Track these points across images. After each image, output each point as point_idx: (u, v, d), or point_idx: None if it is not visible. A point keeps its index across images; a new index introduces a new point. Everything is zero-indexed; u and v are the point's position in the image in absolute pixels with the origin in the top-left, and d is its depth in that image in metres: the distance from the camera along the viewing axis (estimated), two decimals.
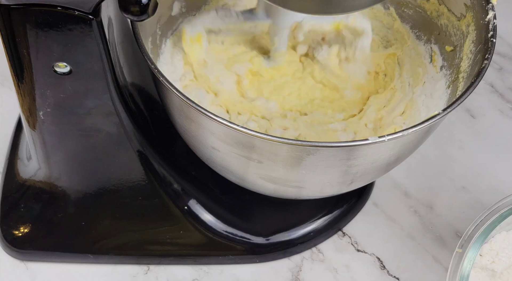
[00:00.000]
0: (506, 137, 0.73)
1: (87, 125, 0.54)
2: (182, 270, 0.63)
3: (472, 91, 0.49)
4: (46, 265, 0.62)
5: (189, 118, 0.51)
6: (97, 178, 0.60)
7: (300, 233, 0.64)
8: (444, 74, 0.60)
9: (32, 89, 0.51)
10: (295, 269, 0.63)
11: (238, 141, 0.49)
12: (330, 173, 0.52)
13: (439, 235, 0.66)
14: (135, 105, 0.57)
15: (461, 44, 0.57)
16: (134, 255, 0.63)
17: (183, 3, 0.63)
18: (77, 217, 0.62)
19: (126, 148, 0.58)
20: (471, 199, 0.68)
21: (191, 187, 0.63)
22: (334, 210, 0.65)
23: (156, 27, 0.60)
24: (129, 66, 0.57)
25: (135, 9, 0.44)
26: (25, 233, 0.62)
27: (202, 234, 0.63)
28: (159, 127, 0.63)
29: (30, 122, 0.55)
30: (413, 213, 0.67)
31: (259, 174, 0.53)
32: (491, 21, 0.53)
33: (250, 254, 0.63)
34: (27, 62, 0.48)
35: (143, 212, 0.62)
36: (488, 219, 0.56)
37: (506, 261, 0.58)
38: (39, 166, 0.60)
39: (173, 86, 0.48)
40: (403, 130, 0.47)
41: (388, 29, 0.66)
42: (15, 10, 0.45)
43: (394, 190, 0.69)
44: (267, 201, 0.62)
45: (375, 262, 0.64)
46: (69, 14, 0.45)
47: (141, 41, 0.50)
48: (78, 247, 0.62)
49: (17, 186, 0.64)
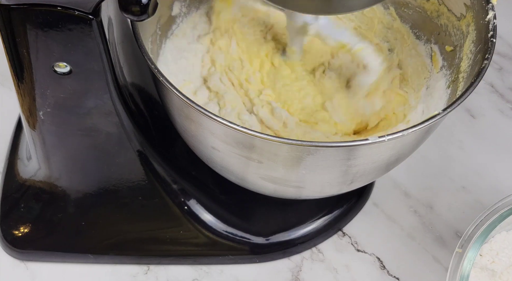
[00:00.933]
0: (506, 137, 0.73)
1: (87, 125, 0.54)
2: (182, 270, 0.63)
3: (472, 91, 0.49)
4: (46, 265, 0.62)
5: (189, 118, 0.51)
6: (97, 178, 0.60)
7: (300, 233, 0.64)
8: (444, 74, 0.60)
9: (32, 89, 0.51)
10: (295, 269, 0.63)
11: (238, 141, 0.49)
12: (330, 173, 0.52)
13: (439, 235, 0.66)
14: (135, 105, 0.57)
15: (461, 44, 0.57)
16: (134, 255, 0.63)
17: (183, 3, 0.63)
18: (77, 217, 0.62)
19: (126, 148, 0.58)
20: (471, 199, 0.68)
21: (191, 187, 0.63)
22: (334, 210, 0.65)
23: (156, 27, 0.60)
24: (129, 66, 0.57)
25: (135, 9, 0.44)
26: (25, 233, 0.62)
27: (202, 234, 0.63)
28: (159, 127, 0.63)
29: (30, 122, 0.54)
30: (413, 213, 0.67)
31: (259, 174, 0.53)
32: (491, 21, 0.53)
33: (250, 254, 0.63)
34: (27, 62, 0.48)
35: (143, 212, 0.62)
36: (488, 219, 0.56)
37: (506, 261, 0.58)
38: (39, 166, 0.60)
39: (173, 86, 0.48)
40: (403, 130, 0.47)
41: (388, 29, 0.66)
42: (15, 10, 0.45)
43: (394, 190, 0.69)
44: (267, 201, 0.62)
45: (375, 262, 0.64)
46: (69, 14, 0.45)
47: (141, 41, 0.50)
48: (78, 247, 0.62)
49: (17, 186, 0.64)
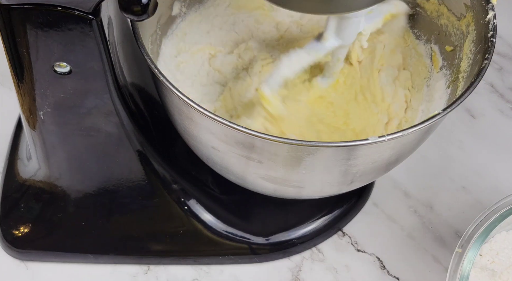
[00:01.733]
0: (506, 137, 0.73)
1: (87, 125, 0.54)
2: (182, 270, 0.63)
3: (472, 91, 0.49)
4: (46, 265, 0.62)
5: (189, 118, 0.51)
6: (97, 178, 0.60)
7: (300, 233, 0.64)
8: (444, 74, 0.60)
9: (32, 89, 0.51)
10: (295, 269, 0.63)
11: (238, 141, 0.49)
12: (330, 173, 0.52)
13: (439, 235, 0.66)
14: (135, 105, 0.57)
15: (461, 44, 0.57)
16: (134, 255, 0.63)
17: (183, 3, 0.63)
18: (77, 217, 0.62)
19: (126, 148, 0.58)
20: (471, 199, 0.68)
21: (191, 187, 0.63)
22: (334, 210, 0.65)
23: (156, 27, 0.60)
24: (129, 66, 0.57)
25: (135, 9, 0.44)
26: (25, 233, 0.62)
27: (202, 234, 0.63)
28: (159, 127, 0.63)
29: (30, 122, 0.54)
30: (413, 213, 0.67)
31: (259, 174, 0.53)
32: (491, 21, 0.53)
33: (250, 254, 0.63)
34: (27, 62, 0.48)
35: (143, 212, 0.62)
36: (488, 219, 0.56)
37: (506, 261, 0.57)
38: (39, 166, 0.60)
39: (173, 86, 0.48)
40: (403, 130, 0.47)
41: None
42: (15, 10, 0.45)
43: (394, 190, 0.69)
44: (267, 201, 0.62)
45: (375, 262, 0.64)
46: (69, 14, 0.45)
47: (141, 41, 0.50)
48: (78, 247, 0.62)
49: (17, 186, 0.64)
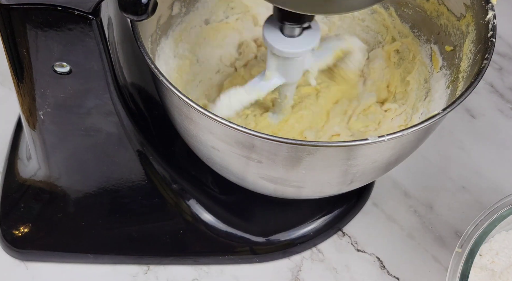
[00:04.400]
0: (506, 137, 0.73)
1: (87, 125, 0.54)
2: (182, 270, 0.63)
3: (472, 91, 0.49)
4: (46, 265, 0.62)
5: (189, 118, 0.51)
6: (97, 178, 0.60)
7: (300, 233, 0.64)
8: (444, 74, 0.60)
9: (32, 89, 0.51)
10: (295, 269, 0.63)
11: (238, 141, 0.49)
12: (330, 173, 0.52)
13: (439, 235, 0.66)
14: (135, 105, 0.57)
15: (460, 44, 0.57)
16: (134, 255, 0.63)
17: (183, 3, 0.63)
18: (77, 217, 0.62)
19: (126, 148, 0.58)
20: (471, 199, 0.68)
21: (191, 187, 0.63)
22: (334, 210, 0.65)
23: (156, 27, 0.60)
24: (129, 66, 0.57)
25: (135, 9, 0.44)
26: (25, 233, 0.62)
27: (202, 234, 0.63)
28: (159, 127, 0.63)
29: (30, 122, 0.55)
30: (413, 213, 0.67)
31: (259, 174, 0.53)
32: (490, 21, 0.53)
33: (250, 254, 0.63)
34: (27, 62, 0.48)
35: (143, 212, 0.62)
36: (488, 219, 0.56)
37: (506, 261, 0.57)
38: (39, 166, 0.60)
39: (173, 86, 0.48)
40: (403, 130, 0.47)
41: (387, 29, 0.66)
42: (15, 10, 0.45)
43: (394, 190, 0.69)
44: (267, 201, 0.62)
45: (375, 262, 0.64)
46: (69, 14, 0.45)
47: (141, 41, 0.50)
48: (78, 247, 0.62)
49: (17, 186, 0.64)
